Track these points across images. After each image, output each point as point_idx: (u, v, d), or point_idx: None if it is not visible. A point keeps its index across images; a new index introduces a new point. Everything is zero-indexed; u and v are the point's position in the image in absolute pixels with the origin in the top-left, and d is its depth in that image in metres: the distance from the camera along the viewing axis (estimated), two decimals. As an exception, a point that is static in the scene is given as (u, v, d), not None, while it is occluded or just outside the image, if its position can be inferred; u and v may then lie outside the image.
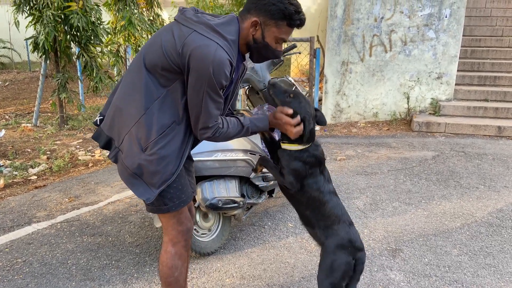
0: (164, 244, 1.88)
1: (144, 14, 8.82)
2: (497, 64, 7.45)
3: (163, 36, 1.67)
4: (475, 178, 4.34)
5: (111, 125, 1.75)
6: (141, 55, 1.71)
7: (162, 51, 1.63)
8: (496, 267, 2.75)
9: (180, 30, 1.64)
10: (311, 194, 1.94)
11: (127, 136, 1.69)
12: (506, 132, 5.97)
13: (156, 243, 3.07)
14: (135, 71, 1.72)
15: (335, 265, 1.90)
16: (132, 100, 1.69)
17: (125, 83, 1.76)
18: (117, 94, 1.78)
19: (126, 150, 1.70)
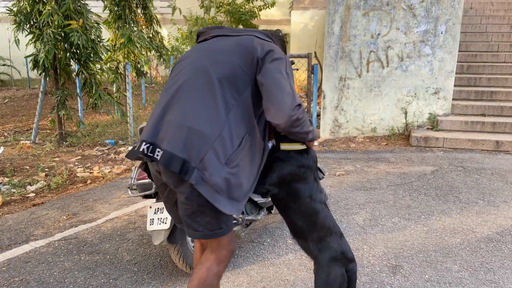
0: (208, 261, 1.81)
1: (143, 31, 8.92)
2: (494, 79, 7.52)
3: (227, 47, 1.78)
4: (474, 193, 4.34)
5: (185, 146, 1.63)
6: (205, 71, 1.73)
7: (233, 60, 1.72)
8: (496, 283, 2.73)
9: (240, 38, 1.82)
10: (303, 200, 1.93)
11: (209, 153, 1.63)
12: (504, 147, 5.98)
13: (154, 261, 3.05)
14: (200, 88, 1.70)
15: (331, 278, 1.89)
16: (208, 117, 1.66)
17: (190, 102, 1.69)
18: (179, 113, 1.68)
19: (211, 167, 1.62)
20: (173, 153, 1.62)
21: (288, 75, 1.74)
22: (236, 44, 1.77)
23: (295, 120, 1.69)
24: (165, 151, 1.64)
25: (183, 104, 1.70)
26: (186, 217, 1.74)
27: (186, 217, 1.74)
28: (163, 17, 14.57)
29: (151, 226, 2.64)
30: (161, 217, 2.59)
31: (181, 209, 1.75)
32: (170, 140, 1.65)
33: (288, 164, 1.94)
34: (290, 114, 1.67)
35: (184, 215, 1.74)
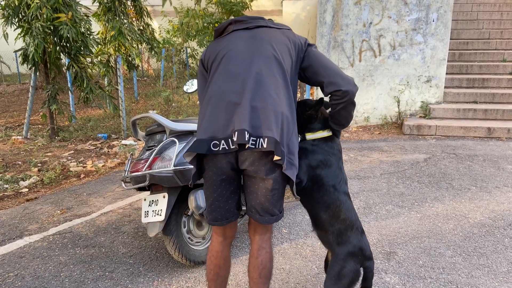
0: (267, 241, 1.93)
1: (134, 24, 8.83)
2: (485, 66, 7.55)
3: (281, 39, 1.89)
4: (467, 180, 4.38)
5: (279, 133, 1.70)
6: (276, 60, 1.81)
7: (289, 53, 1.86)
8: (490, 267, 2.76)
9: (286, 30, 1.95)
10: (327, 189, 1.92)
11: (293, 137, 1.78)
12: (495, 133, 6.03)
13: (150, 253, 3.05)
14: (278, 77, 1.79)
15: (344, 272, 1.91)
16: (288, 103, 1.79)
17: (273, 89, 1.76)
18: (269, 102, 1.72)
19: (295, 151, 1.79)
20: (276, 139, 1.67)
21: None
22: (287, 37, 1.90)
23: (357, 90, 1.84)
24: (270, 137, 1.67)
25: (268, 91, 1.74)
26: (271, 204, 1.81)
27: (271, 204, 1.81)
28: (154, 9, 14.42)
29: (146, 218, 2.64)
30: (156, 209, 2.59)
31: (265, 198, 1.80)
32: (269, 127, 1.68)
33: (315, 153, 1.95)
34: (354, 83, 1.84)
35: (270, 202, 1.81)
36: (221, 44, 1.91)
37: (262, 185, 1.78)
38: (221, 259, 2.00)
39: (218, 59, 1.86)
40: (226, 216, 1.91)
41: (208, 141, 1.73)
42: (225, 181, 1.83)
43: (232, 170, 1.80)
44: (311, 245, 3.12)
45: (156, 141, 2.77)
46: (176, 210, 2.68)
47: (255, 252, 1.91)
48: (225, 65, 1.83)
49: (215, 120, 1.74)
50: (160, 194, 2.61)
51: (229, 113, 1.72)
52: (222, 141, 1.71)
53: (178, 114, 8.28)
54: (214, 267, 2.01)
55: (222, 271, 2.01)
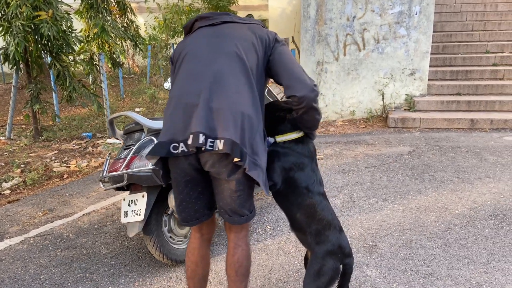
0: (243, 239, 1.90)
1: (117, 21, 8.72)
2: (468, 58, 7.61)
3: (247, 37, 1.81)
4: (449, 171, 4.42)
5: (238, 133, 1.65)
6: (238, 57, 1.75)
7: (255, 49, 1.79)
8: (470, 258, 2.79)
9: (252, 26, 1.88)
10: (300, 191, 1.92)
11: (257, 138, 1.73)
12: (478, 125, 6.09)
13: (131, 253, 3.03)
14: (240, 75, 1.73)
15: (323, 270, 1.91)
16: (251, 103, 1.72)
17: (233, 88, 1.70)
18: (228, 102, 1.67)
19: (260, 152, 1.73)
20: (234, 140, 1.63)
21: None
22: (253, 32, 1.83)
23: (316, 95, 1.75)
24: (226, 139, 1.63)
25: (227, 91, 1.69)
26: (238, 205, 1.79)
27: (238, 205, 1.79)
28: (139, 6, 14.28)
29: (125, 218, 2.61)
30: (135, 209, 2.57)
31: (231, 199, 1.78)
32: (226, 128, 1.64)
33: (287, 155, 1.93)
34: (313, 88, 1.74)
35: (236, 203, 1.79)
36: (186, 43, 1.88)
37: (227, 186, 1.76)
38: (198, 256, 1.99)
39: (181, 58, 1.84)
40: (196, 216, 1.90)
41: (168, 144, 1.71)
42: (190, 182, 1.81)
43: (196, 172, 1.77)
44: (294, 240, 3.12)
45: (134, 140, 2.74)
46: (156, 209, 2.65)
47: (231, 250, 1.91)
48: (186, 65, 1.81)
49: (175, 122, 1.72)
50: (139, 193, 2.59)
51: (187, 115, 1.69)
52: (181, 143, 1.68)
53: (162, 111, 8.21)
54: (191, 264, 2.00)
55: (199, 268, 1.99)
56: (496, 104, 6.46)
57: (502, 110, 6.43)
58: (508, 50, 7.83)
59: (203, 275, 2.02)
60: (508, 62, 7.50)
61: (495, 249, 2.88)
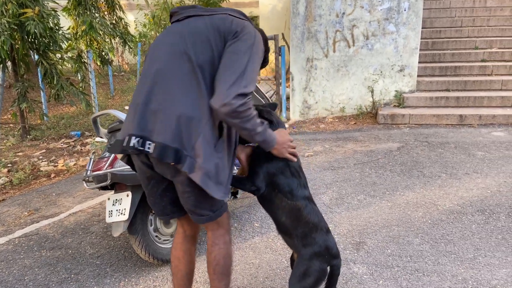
0: (221, 237, 1.86)
1: (106, 18, 8.64)
2: (457, 54, 7.64)
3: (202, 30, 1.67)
4: (438, 167, 4.44)
5: (176, 135, 1.60)
6: (185, 55, 1.64)
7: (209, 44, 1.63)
8: (456, 254, 2.80)
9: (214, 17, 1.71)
10: (284, 195, 1.89)
11: (200, 139, 1.60)
12: (467, 120, 6.13)
13: (118, 253, 3.00)
14: (182, 73, 1.63)
15: (309, 271, 1.90)
16: (193, 103, 1.61)
17: (173, 89, 1.63)
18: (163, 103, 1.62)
19: (203, 153, 1.60)
20: (165, 144, 1.59)
21: (250, 56, 1.61)
22: (211, 24, 1.67)
23: (234, 110, 1.53)
24: (157, 143, 1.60)
25: (167, 91, 1.63)
26: (190, 206, 1.76)
27: (190, 206, 1.76)
28: (129, 3, 14.15)
29: (110, 218, 2.58)
30: (120, 208, 2.54)
31: (183, 199, 1.76)
32: (160, 131, 1.61)
33: (269, 159, 1.89)
34: (229, 100, 1.52)
35: (189, 204, 1.75)
36: (155, 40, 1.86)
37: (176, 187, 1.75)
38: (180, 251, 1.97)
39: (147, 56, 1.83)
40: (166, 212, 1.89)
41: (122, 141, 1.69)
42: (151, 179, 1.79)
43: (152, 170, 1.74)
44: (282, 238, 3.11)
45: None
46: (141, 208, 2.63)
47: (209, 248, 1.89)
48: (144, 63, 1.80)
49: (128, 120, 1.72)
50: (124, 192, 2.56)
51: (132, 115, 1.68)
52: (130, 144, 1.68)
53: (153, 109, 8.15)
54: (174, 259, 1.99)
55: (181, 264, 1.97)
56: (484, 100, 6.49)
57: (491, 105, 6.47)
58: (496, 46, 7.87)
59: (186, 272, 2.00)
60: (496, 58, 7.55)
61: (481, 244, 2.90)
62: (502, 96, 6.46)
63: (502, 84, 6.80)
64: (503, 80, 6.82)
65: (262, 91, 3.78)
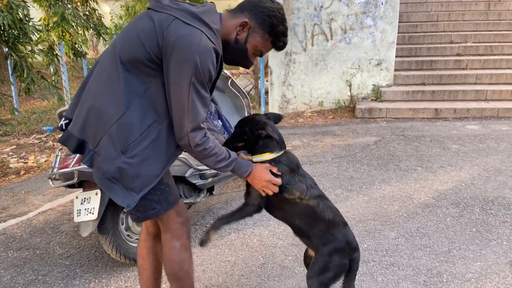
0: (167, 241, 1.78)
1: (78, 9, 8.37)
2: (433, 48, 7.73)
3: (139, 26, 1.53)
4: (413, 160, 4.47)
5: (84, 126, 1.57)
6: (114, 49, 1.56)
7: (140, 42, 1.49)
8: (431, 247, 2.82)
9: (159, 18, 1.50)
10: (294, 202, 1.82)
11: (105, 137, 1.53)
12: (442, 114, 6.20)
13: (88, 253, 2.90)
14: (109, 67, 1.56)
15: (329, 266, 1.85)
16: (110, 98, 1.53)
17: (98, 81, 1.58)
18: (87, 93, 1.60)
19: (104, 153, 1.53)
20: (70, 133, 1.61)
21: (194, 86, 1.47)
22: (153, 25, 1.50)
23: (193, 147, 1.55)
24: (66, 130, 1.63)
25: (92, 84, 1.60)
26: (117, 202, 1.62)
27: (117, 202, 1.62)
28: (105, -6, 13.80)
29: (78, 217, 2.48)
30: (88, 207, 2.44)
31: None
32: (74, 119, 1.62)
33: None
34: (190, 136, 1.53)
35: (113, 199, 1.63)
36: None
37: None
38: (144, 249, 1.92)
39: None
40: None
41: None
42: None
43: None
44: (258, 234, 3.07)
45: (86, 134, 2.59)
46: (112, 207, 2.53)
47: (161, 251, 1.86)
48: None
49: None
50: (93, 191, 2.46)
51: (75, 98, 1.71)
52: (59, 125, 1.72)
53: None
54: (139, 258, 1.94)
55: (146, 263, 1.91)
56: (459, 94, 6.59)
57: (465, 99, 6.57)
58: (471, 40, 8.00)
59: (151, 271, 1.92)
60: (471, 52, 7.67)
61: (456, 237, 2.92)
62: (476, 90, 6.57)
63: (476, 78, 6.92)
64: (477, 74, 6.93)
65: (238, 85, 3.72)
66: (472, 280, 2.43)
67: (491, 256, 2.68)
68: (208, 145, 1.57)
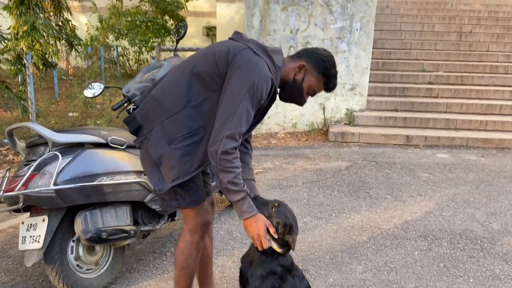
0: (184, 232, 2.03)
1: (51, 19, 8.14)
2: (406, 75, 7.86)
3: (217, 47, 1.83)
4: (384, 188, 4.43)
5: (146, 114, 1.89)
6: (191, 62, 1.87)
7: (214, 59, 1.78)
8: (398, 283, 2.73)
9: (235, 44, 1.80)
10: None
11: (158, 127, 1.84)
12: (413, 141, 6.25)
13: (35, 282, 2.67)
14: (181, 73, 1.87)
15: None
16: (172, 96, 1.84)
17: (168, 82, 1.91)
18: (157, 89, 1.92)
19: (154, 139, 1.85)
20: (135, 117, 1.92)
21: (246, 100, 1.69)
22: (228, 48, 1.79)
23: (223, 153, 1.66)
24: (132, 113, 1.94)
25: (163, 84, 1.93)
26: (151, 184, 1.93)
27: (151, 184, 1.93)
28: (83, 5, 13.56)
29: (23, 245, 2.29)
30: (34, 234, 2.25)
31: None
32: (141, 107, 1.93)
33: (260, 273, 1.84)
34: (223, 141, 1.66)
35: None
36: None
37: None
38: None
39: None
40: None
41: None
42: None
43: None
44: (221, 265, 2.92)
45: (37, 155, 2.41)
46: (60, 234, 2.35)
47: None
48: None
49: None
50: (40, 217, 2.27)
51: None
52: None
53: (98, 117, 7.74)
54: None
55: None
56: (430, 121, 6.67)
57: (436, 127, 6.65)
58: (442, 69, 8.18)
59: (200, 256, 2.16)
60: (442, 81, 7.83)
61: (423, 273, 2.85)
62: (447, 119, 6.67)
63: (447, 107, 7.04)
64: (448, 103, 7.06)
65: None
66: (438, 320, 2.35)
67: (458, 293, 2.61)
68: (233, 159, 1.69)
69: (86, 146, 2.45)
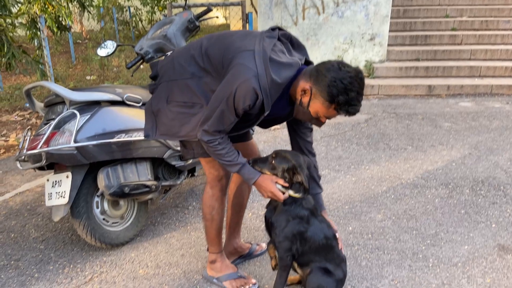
0: (206, 185, 2.14)
1: (62, -20, 8.02)
2: (428, 22, 7.52)
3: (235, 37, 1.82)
4: (404, 139, 4.36)
5: (162, 68, 1.98)
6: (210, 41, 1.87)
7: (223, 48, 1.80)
8: (418, 230, 2.74)
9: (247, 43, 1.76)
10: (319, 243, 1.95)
11: (165, 83, 1.94)
12: (435, 91, 6.07)
13: (64, 237, 2.79)
14: (193, 48, 1.90)
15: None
16: (184, 64, 1.90)
17: (187, 51, 1.93)
18: (179, 50, 2.02)
19: (158, 92, 1.97)
20: (157, 64, 2.02)
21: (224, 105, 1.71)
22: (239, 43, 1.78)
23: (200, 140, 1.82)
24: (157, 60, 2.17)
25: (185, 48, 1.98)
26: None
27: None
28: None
29: (49, 201, 2.37)
30: (59, 190, 2.32)
31: None
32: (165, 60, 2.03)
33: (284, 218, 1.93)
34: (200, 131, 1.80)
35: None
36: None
37: None
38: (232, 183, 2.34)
39: None
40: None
41: None
42: None
43: None
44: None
45: (56, 113, 2.45)
46: (85, 190, 2.42)
47: None
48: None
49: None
50: (63, 173, 2.34)
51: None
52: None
53: (115, 79, 7.77)
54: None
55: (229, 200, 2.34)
56: (453, 70, 6.44)
57: (459, 75, 6.42)
58: (466, 15, 7.79)
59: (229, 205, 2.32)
60: (466, 26, 7.47)
61: (444, 219, 2.84)
62: (471, 66, 6.42)
63: (471, 54, 6.76)
64: (472, 49, 6.77)
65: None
66: (459, 265, 2.37)
67: (479, 239, 2.61)
68: (214, 146, 1.80)
69: (102, 104, 2.46)
